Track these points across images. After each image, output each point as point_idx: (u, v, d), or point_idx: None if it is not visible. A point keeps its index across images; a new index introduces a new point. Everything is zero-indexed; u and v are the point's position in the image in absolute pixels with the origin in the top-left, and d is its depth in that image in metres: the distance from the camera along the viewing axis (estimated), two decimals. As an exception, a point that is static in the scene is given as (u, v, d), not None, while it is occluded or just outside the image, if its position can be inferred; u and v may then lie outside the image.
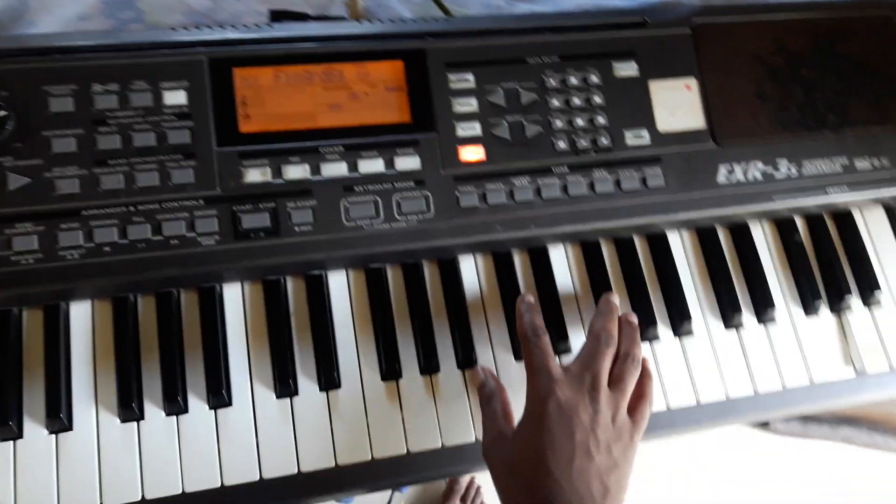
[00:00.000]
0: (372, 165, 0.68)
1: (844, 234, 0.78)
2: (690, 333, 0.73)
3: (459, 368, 0.69)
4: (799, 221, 0.78)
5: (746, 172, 0.74)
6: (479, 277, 0.72)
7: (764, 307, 0.74)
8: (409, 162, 0.69)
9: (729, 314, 0.73)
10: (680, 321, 0.72)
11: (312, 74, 0.69)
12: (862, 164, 0.76)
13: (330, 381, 0.66)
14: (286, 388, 0.65)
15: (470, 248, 0.72)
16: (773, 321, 0.74)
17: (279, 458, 0.64)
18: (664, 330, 0.73)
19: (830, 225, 0.79)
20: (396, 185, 0.68)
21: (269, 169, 0.67)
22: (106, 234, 0.63)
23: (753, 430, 1.65)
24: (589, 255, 0.74)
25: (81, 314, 0.65)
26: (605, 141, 0.72)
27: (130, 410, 0.63)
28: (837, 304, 0.75)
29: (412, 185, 0.69)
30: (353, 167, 0.68)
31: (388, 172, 0.68)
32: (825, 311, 0.76)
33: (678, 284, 0.74)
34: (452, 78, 0.71)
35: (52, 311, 0.65)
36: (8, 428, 0.61)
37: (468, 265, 0.72)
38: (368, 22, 0.72)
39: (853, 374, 0.74)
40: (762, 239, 0.77)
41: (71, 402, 0.63)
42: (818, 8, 0.78)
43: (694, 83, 0.75)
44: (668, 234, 0.75)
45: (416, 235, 0.68)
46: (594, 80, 0.73)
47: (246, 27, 0.69)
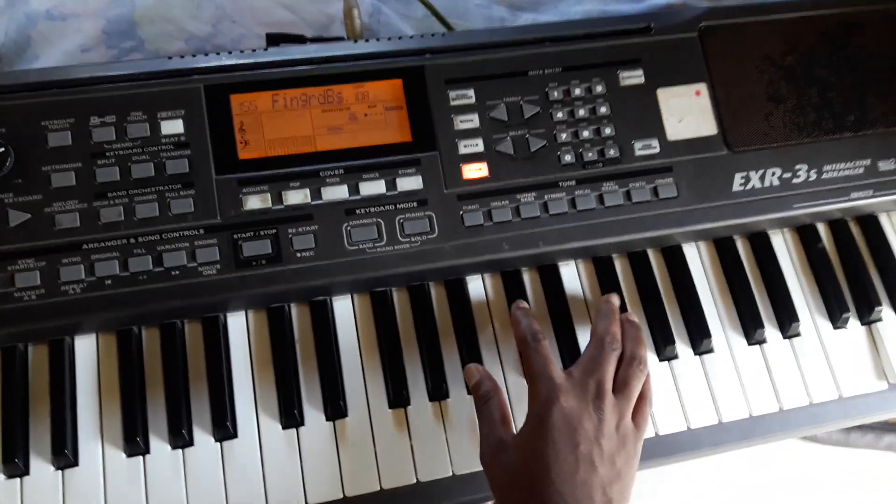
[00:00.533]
0: (373, 187, 0.67)
1: (871, 239, 0.74)
2: (711, 351, 0.70)
3: (469, 393, 0.67)
4: (822, 228, 0.75)
5: (763, 179, 0.71)
6: (487, 297, 0.70)
7: (788, 321, 0.70)
8: (410, 182, 0.67)
9: (751, 330, 0.70)
10: (700, 339, 0.69)
11: (310, 97, 0.68)
12: (886, 165, 0.72)
13: (336, 410, 0.64)
14: (291, 418, 0.64)
15: (477, 267, 0.70)
16: (798, 335, 0.71)
17: (286, 490, 0.62)
18: (683, 348, 0.70)
19: (855, 230, 0.75)
20: (399, 206, 0.67)
21: (268, 195, 0.66)
22: (107, 267, 0.63)
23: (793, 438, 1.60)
24: (601, 270, 0.71)
25: (86, 348, 0.65)
26: (612, 152, 0.70)
27: (135, 445, 0.62)
28: (867, 314, 0.72)
29: (415, 205, 0.67)
30: (354, 190, 0.67)
31: (389, 194, 0.67)
32: (854, 322, 0.72)
33: (696, 299, 0.71)
34: (452, 94, 0.69)
35: (56, 345, 0.64)
36: (14, 465, 0.60)
37: (476, 285, 0.70)
38: (365, 41, 0.71)
39: (886, 386, 0.70)
40: (783, 248, 0.74)
41: (77, 437, 0.62)
42: (830, 3, 0.75)
43: (704, 88, 0.72)
44: (683, 246, 0.73)
45: (420, 257, 0.66)
46: (599, 89, 0.71)
47: (241, 52, 0.69)
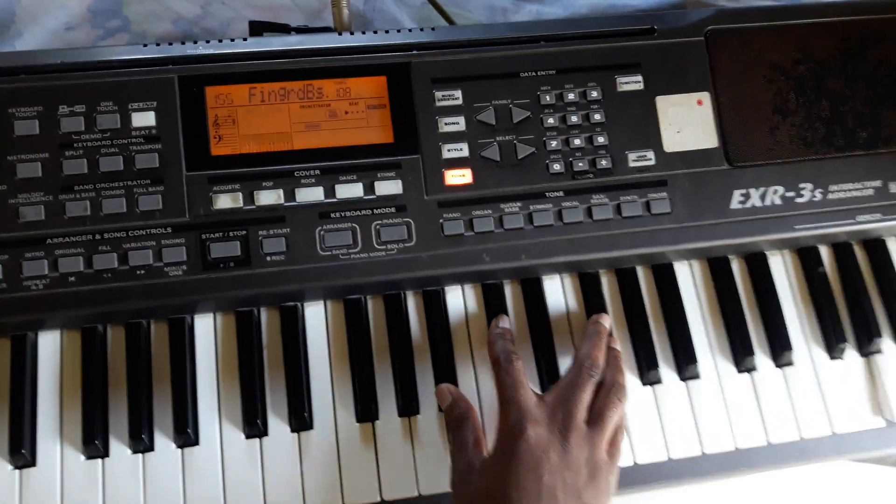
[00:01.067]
0: (350, 190, 0.64)
1: (876, 265, 0.70)
2: (697, 377, 0.66)
3: (441, 411, 0.64)
4: (824, 251, 0.71)
5: (764, 197, 0.67)
6: (466, 310, 0.67)
7: (781, 349, 0.66)
8: (390, 186, 0.64)
9: (741, 357, 0.66)
10: (686, 364, 0.66)
11: (289, 91, 0.65)
12: (898, 188, 0.68)
13: (301, 421, 0.62)
14: (254, 428, 0.62)
15: (457, 278, 0.67)
16: (790, 364, 0.67)
17: (246, 502, 0.61)
18: (668, 373, 0.66)
19: (860, 255, 0.71)
20: (376, 211, 0.64)
21: (240, 194, 0.63)
22: (71, 263, 0.61)
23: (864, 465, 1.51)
24: (587, 286, 0.68)
25: (49, 344, 0.63)
26: (604, 162, 0.66)
27: (94, 447, 0.60)
28: (866, 346, 0.68)
29: (393, 211, 0.64)
30: (329, 192, 0.64)
31: (367, 198, 0.64)
32: (852, 353, 0.68)
33: (685, 322, 0.67)
34: (439, 94, 0.66)
35: (18, 341, 0.62)
36: (-30, 463, 0.59)
37: (455, 296, 0.68)
38: (351, 34, 0.67)
39: (883, 423, 0.66)
40: (782, 271, 0.70)
41: (35, 436, 0.61)
42: (847, 10, 0.70)
43: (706, 97, 0.68)
44: (675, 264, 0.69)
45: (396, 266, 0.63)
46: (594, 95, 0.67)
47: (220, 42, 0.66)
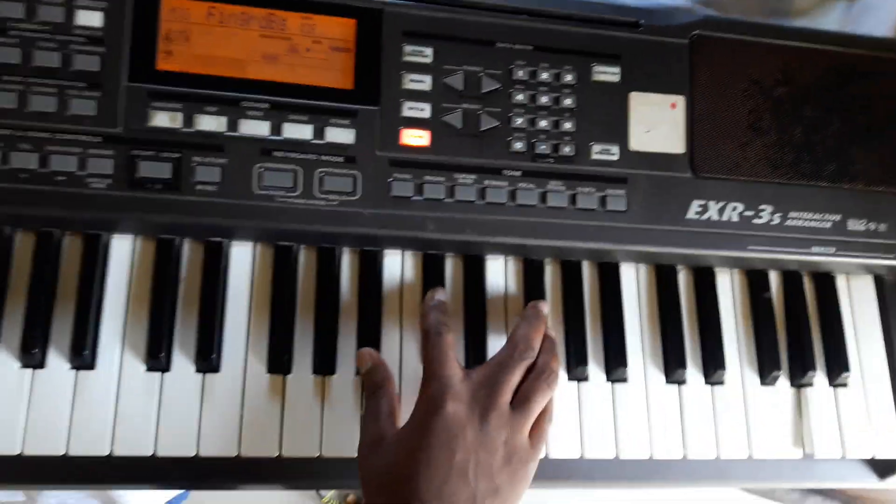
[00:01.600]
0: (298, 131, 0.60)
1: (822, 299, 0.69)
2: (625, 380, 0.64)
3: (358, 375, 0.61)
4: (773, 277, 0.69)
5: (723, 212, 0.65)
6: (402, 277, 0.64)
7: (713, 367, 0.65)
8: (341, 134, 0.61)
9: (672, 368, 0.65)
10: (615, 365, 0.64)
11: (251, 18, 0.62)
12: (856, 225, 0.67)
13: (208, 363, 0.59)
14: (156, 361, 0.58)
15: (398, 242, 0.64)
16: (721, 383, 0.66)
17: (136, 435, 0.57)
18: (596, 371, 0.64)
19: (808, 287, 0.70)
20: (323, 157, 0.61)
21: (180, 115, 0.59)
22: (-15, 157, 0.56)
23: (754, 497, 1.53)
24: (530, 273, 0.66)
25: (-50, 241, 0.59)
26: (567, 149, 0.64)
27: (-20, 356, 0.56)
28: (799, 377, 0.66)
29: (341, 161, 0.61)
30: (276, 129, 0.60)
31: (315, 142, 0.61)
32: (783, 382, 0.67)
33: (621, 324, 0.65)
34: (408, 49, 0.63)
35: (-83, 231, 0.58)
36: None
37: (394, 261, 0.65)
38: (327, -29, 0.64)
39: (801, 455, 0.65)
40: (728, 289, 0.68)
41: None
42: (836, 41, 0.68)
43: (681, 101, 0.66)
44: (622, 265, 0.67)
45: (335, 218, 0.60)
46: (568, 79, 0.65)
47: (187, -47, 0.62)
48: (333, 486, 0.62)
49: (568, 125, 0.64)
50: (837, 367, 0.67)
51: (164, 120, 0.59)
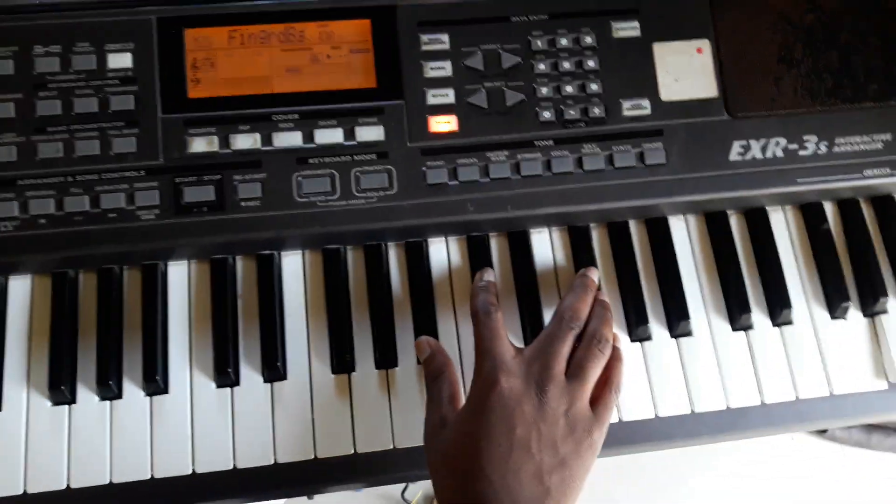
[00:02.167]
0: (329, 135, 0.62)
1: (884, 223, 0.66)
2: (689, 334, 0.63)
3: (420, 364, 0.62)
4: (829, 207, 0.67)
5: (766, 149, 0.64)
6: (449, 263, 0.65)
7: (779, 307, 0.63)
8: (371, 132, 0.62)
9: (737, 314, 0.63)
10: (677, 320, 0.63)
11: (270, 35, 0.63)
12: (909, 141, 0.64)
13: (274, 372, 0.60)
14: (225, 377, 0.60)
15: (440, 229, 0.64)
16: (789, 323, 0.64)
17: (214, 451, 0.59)
18: (659, 329, 0.63)
19: (867, 212, 0.67)
20: (356, 157, 0.62)
21: (216, 138, 0.61)
22: (42, 205, 0.59)
23: (809, 436, 1.50)
24: (576, 240, 0.65)
25: (20, 289, 0.62)
26: (597, 111, 0.63)
27: (60, 393, 0.59)
28: (871, 305, 0.64)
29: (374, 158, 0.62)
30: (308, 137, 0.62)
31: (347, 143, 0.62)
32: (855, 313, 0.65)
33: (678, 277, 0.64)
34: (425, 38, 0.64)
35: (-11, 284, 0.61)
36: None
37: (439, 248, 0.65)
38: (335, -23, 0.65)
39: (885, 386, 0.63)
40: (783, 227, 0.66)
41: (2, 382, 0.59)
42: (860, -46, 0.66)
43: (706, 45, 0.65)
44: (669, 218, 0.66)
45: (375, 215, 0.61)
46: (588, 41, 0.64)
47: (200, -17, 0.64)
48: (411, 478, 0.62)
49: (594, 87, 0.64)
50: (912, 289, 0.64)
51: (201, 145, 0.61)
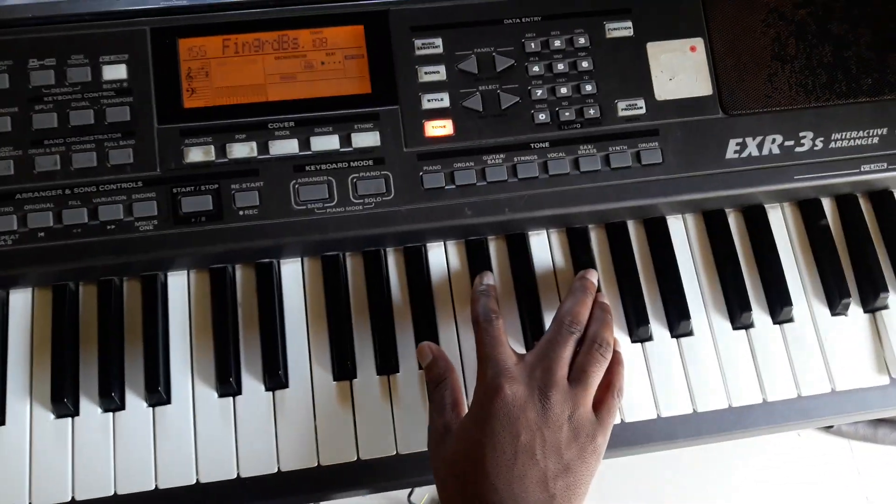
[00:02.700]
0: (325, 142, 0.62)
1: (882, 218, 0.66)
2: (690, 334, 0.63)
3: (421, 369, 0.62)
4: (827, 203, 0.67)
5: (762, 146, 0.64)
6: (448, 267, 0.65)
7: (780, 305, 0.63)
8: (367, 138, 0.62)
9: (737, 313, 0.63)
10: (678, 320, 0.63)
11: (264, 43, 0.63)
12: (905, 135, 0.64)
13: (276, 380, 0.60)
14: (227, 386, 0.60)
15: (438, 233, 0.64)
16: (790, 321, 0.64)
17: (218, 460, 0.59)
18: (659, 329, 0.63)
19: (865, 207, 0.67)
20: (353, 164, 0.62)
21: (212, 147, 0.61)
22: (40, 218, 0.59)
23: (815, 432, 1.50)
24: (575, 241, 0.65)
25: (20, 302, 0.62)
26: (592, 112, 0.63)
27: (63, 406, 0.59)
28: (871, 301, 0.64)
29: (370, 164, 0.62)
30: (304, 145, 0.62)
31: (343, 150, 0.62)
32: (856, 309, 0.64)
33: (677, 277, 0.64)
34: (418, 43, 0.64)
35: (-10, 298, 0.61)
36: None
37: (438, 253, 0.65)
38: (327, -16, 0.65)
39: (887, 381, 0.63)
40: (781, 224, 0.66)
41: (5, 395, 0.60)
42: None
43: (700, 44, 0.65)
44: (668, 218, 0.66)
45: (374, 220, 0.61)
46: (582, 42, 0.64)
47: (193, -7, 0.64)
48: (415, 483, 0.62)
49: (589, 87, 0.64)
50: (912, 283, 0.64)
51: (198, 155, 0.61)
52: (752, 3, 0.65)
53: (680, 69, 0.64)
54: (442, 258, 0.65)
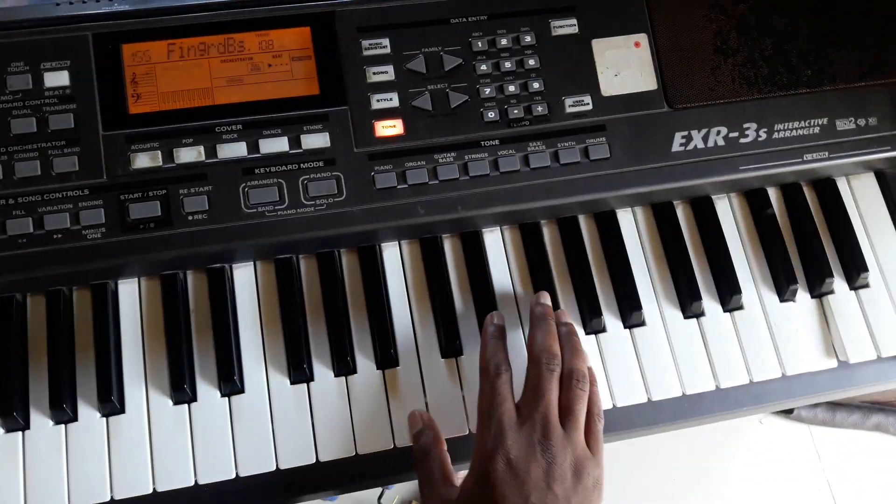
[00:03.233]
0: (274, 144, 0.61)
1: (826, 205, 0.68)
2: (642, 324, 0.64)
3: (378, 369, 0.62)
4: (772, 192, 0.69)
5: (707, 139, 0.65)
6: (404, 266, 0.65)
7: (729, 293, 0.64)
8: (316, 139, 0.62)
9: (687, 302, 0.64)
10: (629, 311, 0.64)
11: (209, 46, 0.63)
12: (845, 125, 0.66)
13: (231, 385, 0.60)
14: (182, 393, 0.59)
15: (393, 232, 0.64)
16: (740, 308, 0.65)
17: (174, 469, 0.58)
18: (612, 321, 0.64)
19: (810, 196, 0.69)
20: (303, 165, 0.62)
21: (159, 153, 0.60)
22: (-17, 230, 0.58)
23: (775, 417, 1.53)
24: (528, 237, 0.66)
25: (-34, 316, 0.61)
26: (540, 109, 0.64)
27: (13, 420, 0.58)
28: (818, 287, 0.66)
29: (321, 165, 0.62)
30: (253, 147, 0.61)
31: (293, 152, 0.62)
32: (803, 295, 0.66)
33: (628, 268, 0.65)
34: (366, 44, 0.64)
35: (-64, 313, 0.60)
36: None
37: (393, 252, 0.65)
38: (273, -15, 0.65)
39: (835, 364, 0.64)
40: (728, 214, 0.68)
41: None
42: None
43: (644, 39, 0.66)
44: (617, 211, 0.67)
45: (326, 222, 0.61)
46: (528, 40, 0.65)
47: (136, -2, 0.63)
48: (380, 483, 0.62)
49: (536, 85, 0.64)
50: (855, 268, 0.66)
51: (145, 160, 0.60)
52: (693, -2, 0.67)
53: (625, 65, 0.65)
54: (397, 258, 0.65)
